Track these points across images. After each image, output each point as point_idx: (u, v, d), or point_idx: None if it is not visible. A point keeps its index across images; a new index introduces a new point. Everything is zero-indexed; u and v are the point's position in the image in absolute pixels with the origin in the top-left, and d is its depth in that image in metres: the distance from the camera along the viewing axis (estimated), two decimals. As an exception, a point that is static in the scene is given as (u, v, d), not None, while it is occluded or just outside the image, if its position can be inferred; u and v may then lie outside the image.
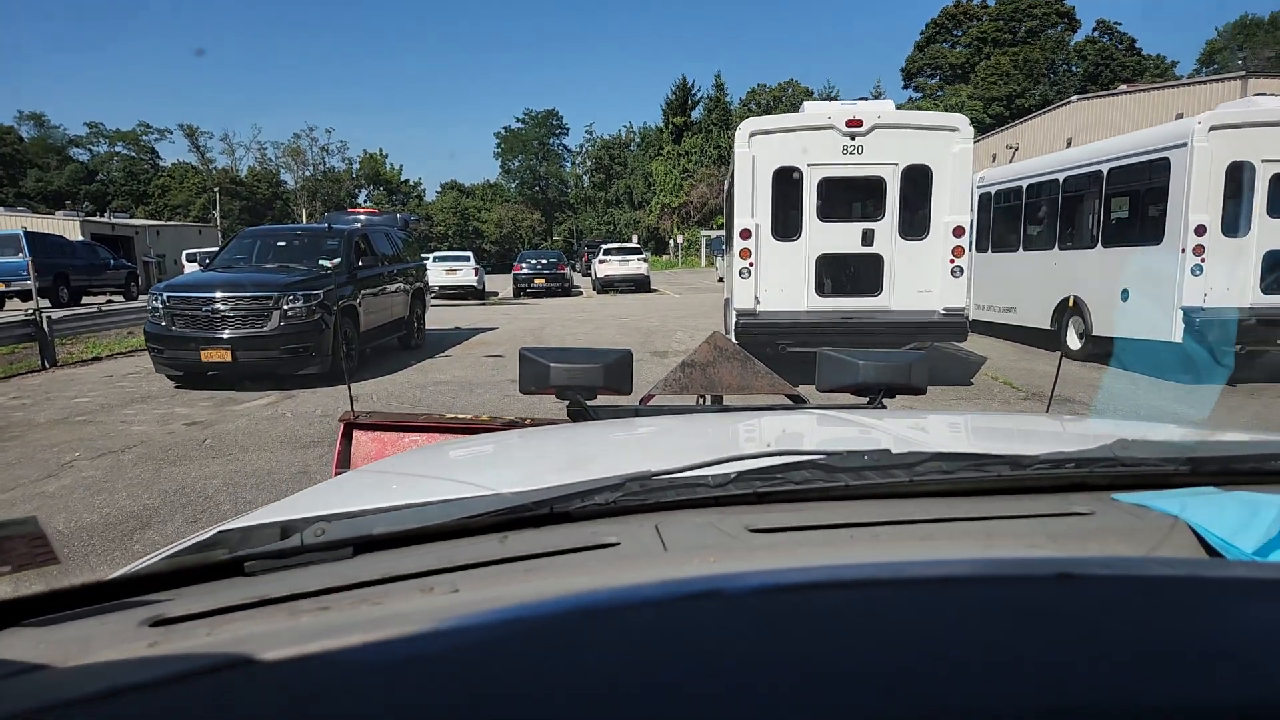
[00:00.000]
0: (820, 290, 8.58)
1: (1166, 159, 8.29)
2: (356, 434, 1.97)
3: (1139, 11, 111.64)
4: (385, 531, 0.81)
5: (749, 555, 0.75)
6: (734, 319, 8.69)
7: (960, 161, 8.14)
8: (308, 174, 69.55)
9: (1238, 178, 7.94)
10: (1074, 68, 54.28)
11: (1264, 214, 7.87)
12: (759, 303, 8.61)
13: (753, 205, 8.49)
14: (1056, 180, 10.31)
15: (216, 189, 59.62)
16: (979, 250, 11.52)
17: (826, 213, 8.52)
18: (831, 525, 0.83)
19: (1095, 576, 0.56)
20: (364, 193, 70.08)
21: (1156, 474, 0.95)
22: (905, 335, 8.34)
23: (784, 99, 60.37)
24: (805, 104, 8.77)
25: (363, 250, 11.01)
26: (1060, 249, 10.30)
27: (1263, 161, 7.81)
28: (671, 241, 55.89)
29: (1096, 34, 57.18)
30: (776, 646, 0.48)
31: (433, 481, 1.23)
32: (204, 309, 9.03)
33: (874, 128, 8.18)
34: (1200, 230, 7.94)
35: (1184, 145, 8.03)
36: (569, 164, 78.87)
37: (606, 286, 28.36)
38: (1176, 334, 8.08)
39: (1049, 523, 0.84)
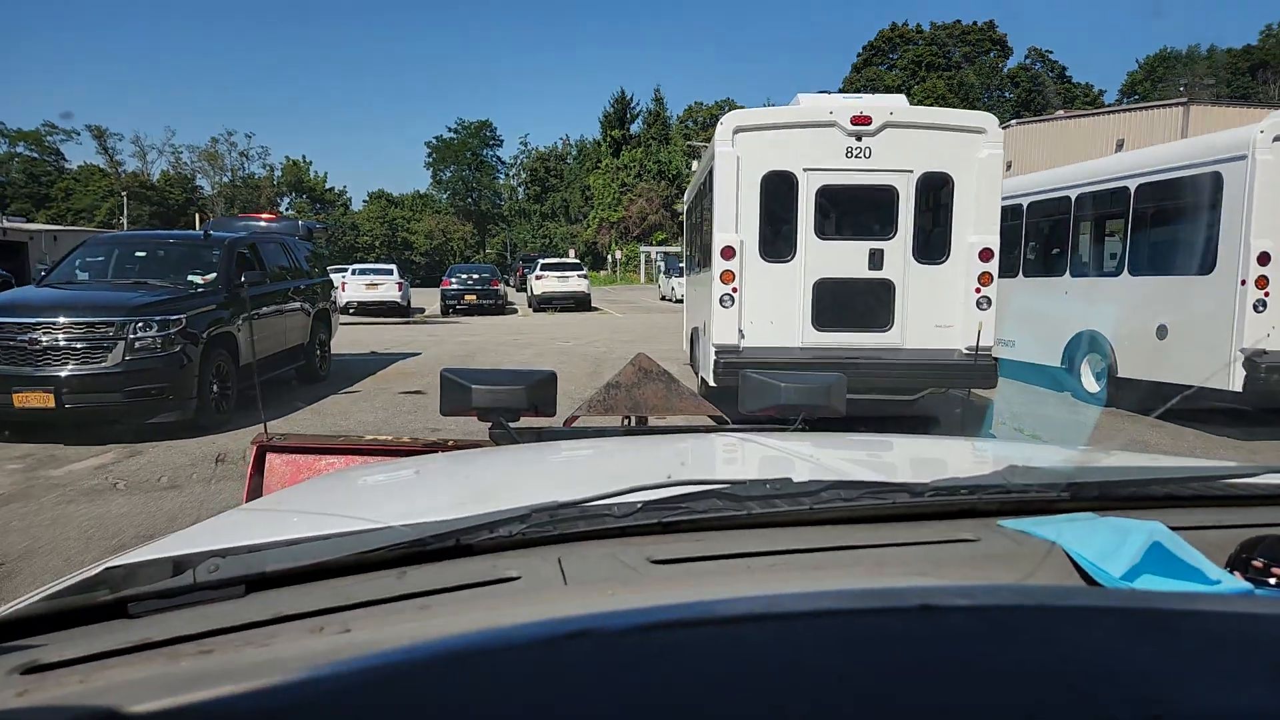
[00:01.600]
0: (818, 323, 7.00)
1: (1218, 174, 7.03)
2: (270, 457, 1.90)
3: (1067, 41, 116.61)
4: (279, 568, 0.78)
5: (647, 588, 0.77)
6: (711, 356, 7.03)
7: (988, 169, 6.71)
8: (225, 180, 65.87)
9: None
10: (1007, 94, 55.38)
11: (1337, 240, 6.67)
12: (743, 337, 6.98)
13: (737, 218, 6.87)
14: (1067, 198, 9.03)
15: (125, 193, 56.11)
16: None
17: (826, 229, 6.96)
18: (731, 555, 0.85)
19: (954, 607, 0.58)
20: (286, 200, 66.85)
21: (1040, 500, 1.00)
22: (919, 379, 6.84)
23: (720, 117, 59.68)
24: (800, 95, 7.22)
25: (249, 263, 8.93)
26: (1073, 276, 9.02)
27: (1337, 179, 6.62)
28: (610, 257, 54.34)
29: (1029, 61, 58.65)
30: (642, 688, 0.48)
31: (337, 514, 1.17)
32: (19, 338, 6.85)
33: (884, 126, 6.68)
34: (1264, 259, 6.69)
35: (1242, 158, 6.78)
36: (503, 175, 77.31)
37: (544, 304, 26.42)
38: (1235, 382, 6.79)
39: (937, 549, 0.88)
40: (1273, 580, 0.78)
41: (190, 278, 8.29)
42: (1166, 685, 0.49)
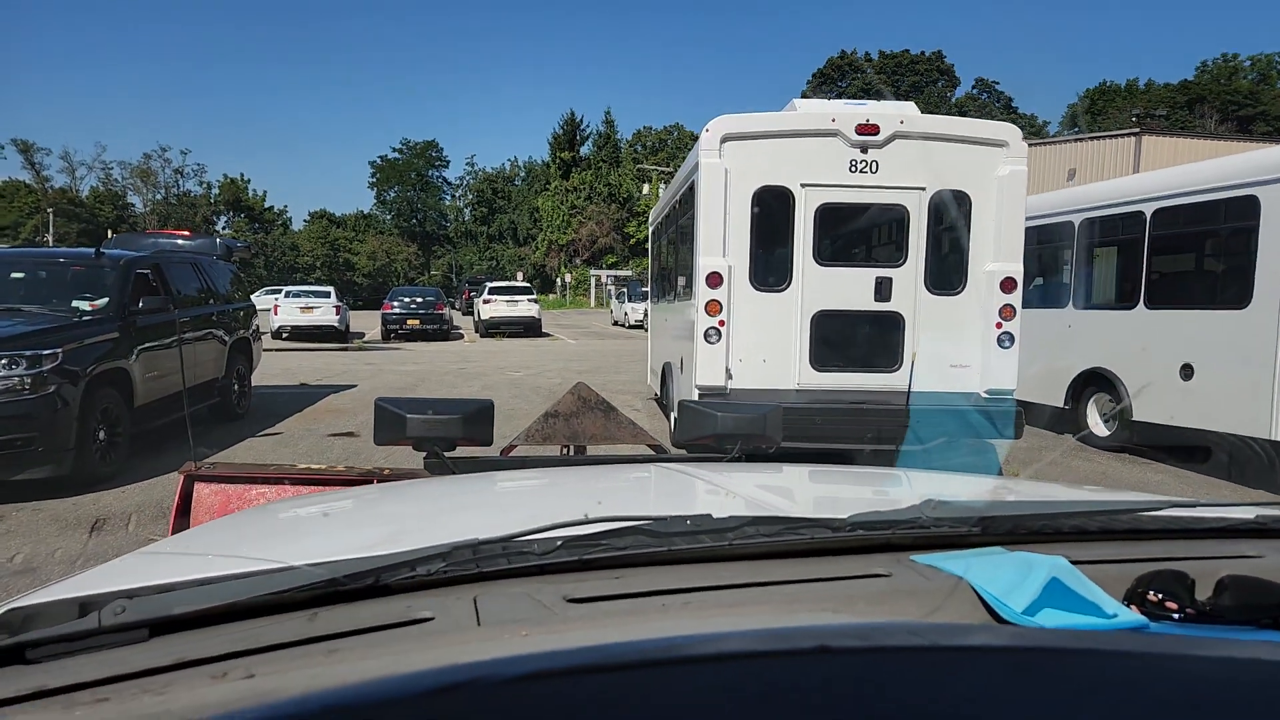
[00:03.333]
0: (817, 363, 6.09)
1: (1254, 197, 6.38)
2: (198, 487, 1.87)
3: (1013, 72, 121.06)
4: (186, 610, 0.78)
5: (561, 628, 0.77)
6: (694, 398, 6.05)
7: (1010, 188, 5.92)
8: (158, 197, 62.85)
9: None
10: (953, 124, 56.18)
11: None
12: (731, 378, 6.03)
13: (724, 240, 5.94)
14: (1070, 224, 8.37)
15: (51, 210, 52.92)
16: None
17: (826, 254, 6.08)
18: (648, 593, 0.86)
19: (849, 649, 0.59)
20: (223, 219, 64.27)
21: (953, 535, 1.03)
22: (931, 428, 5.96)
23: (670, 142, 59.62)
24: (796, 101, 6.36)
25: (150, 286, 7.64)
26: (1078, 308, 8.33)
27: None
28: (559, 280, 53.25)
29: (976, 91, 60.02)
30: None
31: (253, 554, 1.15)
32: None
33: (894, 137, 5.85)
34: (1308, 292, 6.04)
35: (1281, 180, 6.14)
36: (449, 196, 75.81)
37: (492, 329, 25.15)
38: (1277, 430, 6.09)
39: (850, 585, 0.91)
40: (1175, 615, 0.81)
41: (75, 303, 6.97)
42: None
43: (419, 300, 24.03)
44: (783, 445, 2.23)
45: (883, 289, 6.01)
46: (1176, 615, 0.81)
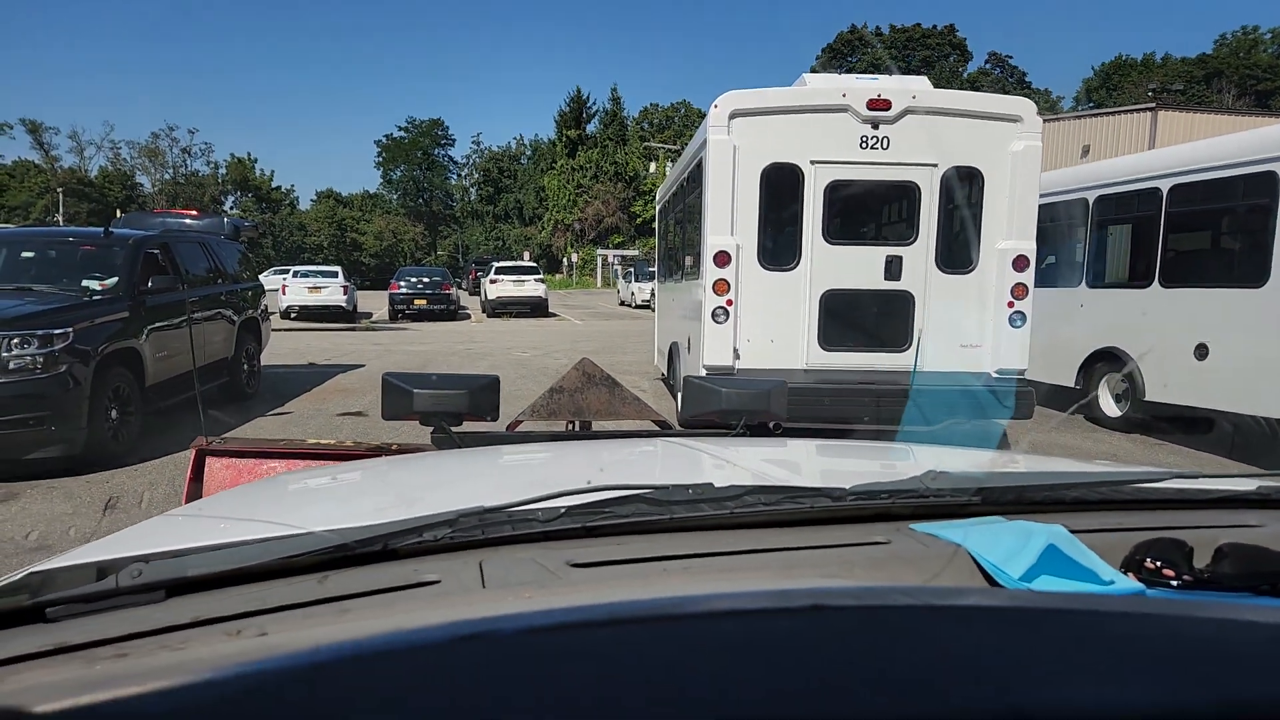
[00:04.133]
0: (825, 342, 6.06)
1: (1272, 173, 6.28)
2: (210, 462, 1.88)
3: (1026, 46, 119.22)
4: (200, 573, 0.79)
5: (565, 591, 0.78)
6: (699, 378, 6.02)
7: (1024, 164, 5.84)
8: (166, 177, 62.81)
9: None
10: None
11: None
12: (739, 358, 6.01)
13: (732, 218, 5.90)
14: (1085, 200, 8.26)
15: (60, 190, 53.06)
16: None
17: (836, 232, 6.03)
18: (650, 558, 0.87)
19: (842, 607, 0.59)
20: (231, 199, 64.24)
21: (953, 504, 1.04)
22: (941, 408, 5.93)
23: (676, 120, 59.06)
24: (805, 75, 6.27)
25: (159, 266, 7.65)
26: (1090, 286, 8.24)
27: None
28: (566, 260, 53.09)
29: (989, 66, 59.16)
30: (534, 689, 0.48)
31: (265, 519, 1.14)
32: None
33: (905, 112, 5.77)
34: (1326, 270, 5.96)
35: (1301, 155, 6.04)
36: (455, 176, 75.56)
37: (499, 310, 25.13)
38: (1294, 410, 6.04)
39: (849, 552, 0.91)
40: (1174, 582, 0.81)
41: (85, 283, 6.99)
42: (1032, 679, 0.50)
43: (426, 280, 24.01)
44: (790, 425, 2.23)
45: (893, 268, 5.96)
46: (1174, 582, 0.81)
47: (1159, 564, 0.83)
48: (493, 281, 25.61)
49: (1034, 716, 0.47)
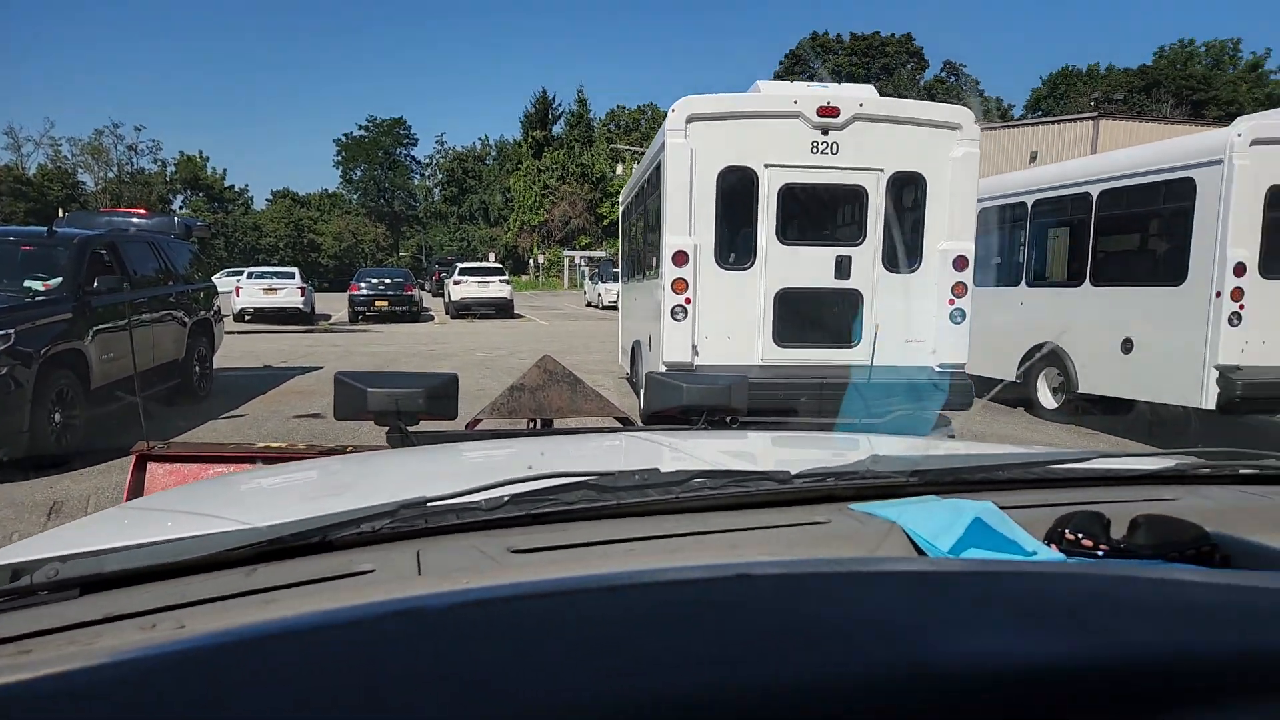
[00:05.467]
0: (780, 339, 6.22)
1: (1191, 179, 6.61)
2: (152, 467, 1.80)
3: (980, 55, 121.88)
4: (118, 570, 0.77)
5: (504, 576, 0.77)
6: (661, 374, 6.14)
7: (963, 170, 6.07)
8: (111, 175, 60.95)
9: (1278, 205, 6.35)
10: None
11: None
12: (697, 354, 6.14)
13: (690, 219, 6.02)
14: (1023, 204, 8.58)
15: (-4, 188, 50.99)
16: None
17: (789, 233, 6.19)
18: (592, 543, 0.87)
19: (768, 575, 0.62)
20: (180, 198, 62.60)
21: (892, 485, 1.08)
22: (888, 400, 6.13)
23: (644, 122, 59.32)
24: (760, 82, 6.43)
25: (106, 266, 7.53)
26: (1029, 285, 8.56)
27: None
28: (532, 261, 52.95)
29: (944, 74, 60.40)
30: (456, 663, 0.49)
31: (200, 516, 1.14)
32: None
33: (853, 119, 5.96)
34: (1240, 270, 6.29)
35: (1218, 162, 6.36)
36: (418, 176, 74.66)
37: (463, 311, 24.99)
38: (1209, 400, 6.37)
39: (791, 532, 0.94)
40: (1094, 553, 0.86)
41: (27, 284, 6.85)
42: (938, 635, 0.53)
43: (387, 281, 23.74)
44: (747, 419, 2.28)
45: (843, 267, 6.15)
46: (1099, 552, 0.86)
47: (1079, 535, 0.88)
48: (456, 283, 25.45)
49: (937, 667, 0.49)
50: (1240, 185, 6.27)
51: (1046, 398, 8.30)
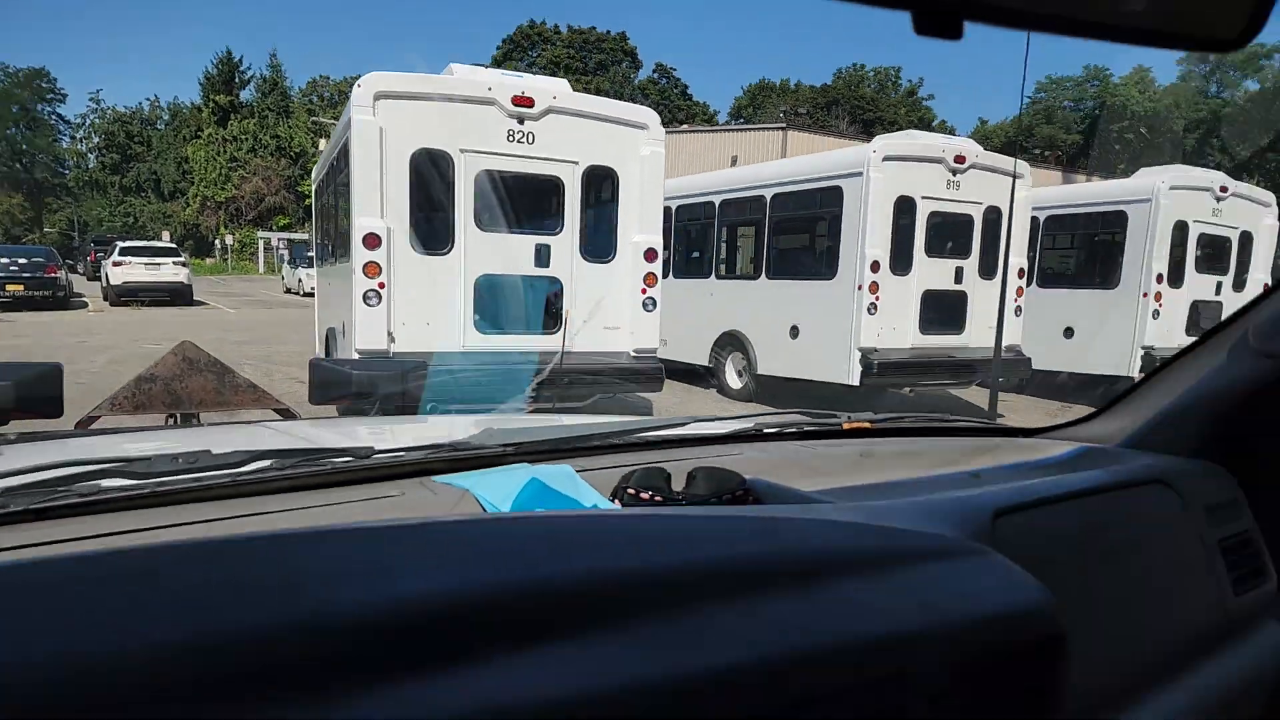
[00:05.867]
0: (481, 325, 6.18)
1: (839, 188, 7.75)
2: None
3: (689, 61, 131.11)
4: None
5: None
6: (324, 360, 5.79)
7: (650, 168, 6.49)
8: None
9: (905, 212, 7.67)
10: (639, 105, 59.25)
11: (923, 253, 7.75)
12: (394, 341, 5.89)
13: (382, 201, 5.74)
14: (712, 203, 9.44)
15: None
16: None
17: (488, 220, 6.15)
18: (119, 533, 0.81)
19: (289, 534, 0.66)
20: None
21: (489, 456, 1.10)
22: (589, 384, 6.41)
23: (348, 94, 55.56)
24: (453, 65, 6.28)
25: None
26: (718, 278, 9.45)
27: (923, 198, 7.66)
28: (218, 242, 46.98)
29: (656, 76, 64.15)
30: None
31: None
32: None
33: (548, 111, 6.08)
34: (875, 266, 7.51)
35: (859, 174, 7.53)
36: (68, 138, 62.63)
37: (127, 297, 21.37)
38: (853, 376, 7.55)
39: (357, 507, 0.93)
40: (657, 501, 0.94)
41: None
42: (384, 577, 0.57)
43: (22, 261, 19.60)
44: (450, 409, 2.20)
45: (542, 255, 6.26)
46: (653, 504, 0.93)
47: (639, 489, 0.95)
48: (116, 264, 21.67)
49: (399, 603, 0.53)
50: (875, 194, 7.47)
51: (733, 379, 9.24)
